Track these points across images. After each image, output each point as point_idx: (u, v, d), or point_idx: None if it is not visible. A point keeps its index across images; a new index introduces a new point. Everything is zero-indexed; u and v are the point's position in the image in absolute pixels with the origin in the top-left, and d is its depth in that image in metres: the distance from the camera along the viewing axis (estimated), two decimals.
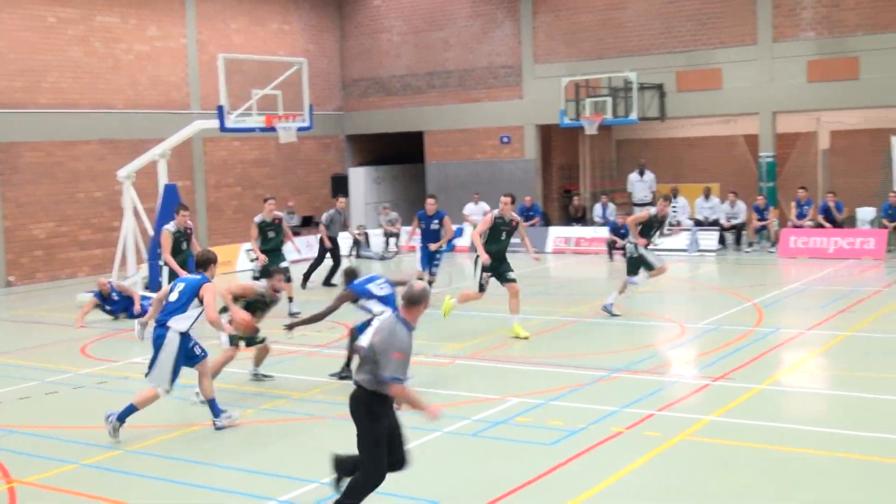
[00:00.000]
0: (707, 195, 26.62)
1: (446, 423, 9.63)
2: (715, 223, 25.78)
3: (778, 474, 7.98)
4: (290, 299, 16.96)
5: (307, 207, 30.17)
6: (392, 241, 27.58)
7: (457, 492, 7.94)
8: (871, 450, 8.54)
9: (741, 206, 25.72)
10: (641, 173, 27.70)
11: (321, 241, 20.89)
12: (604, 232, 25.90)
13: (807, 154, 28.44)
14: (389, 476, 8.29)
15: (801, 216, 24.65)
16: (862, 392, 10.61)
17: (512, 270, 14.47)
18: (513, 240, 14.86)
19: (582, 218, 28.15)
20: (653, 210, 16.26)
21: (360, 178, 31.33)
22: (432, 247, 17.41)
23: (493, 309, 16.15)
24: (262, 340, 11.55)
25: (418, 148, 31.43)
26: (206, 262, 10.21)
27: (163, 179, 19.42)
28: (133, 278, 19.03)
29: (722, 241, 25.50)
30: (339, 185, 30.72)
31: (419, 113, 31.16)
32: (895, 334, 13.94)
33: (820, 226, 24.14)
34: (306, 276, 20.50)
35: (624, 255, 16.99)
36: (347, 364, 11.44)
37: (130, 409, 9.69)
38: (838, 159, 28.00)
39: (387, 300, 11.17)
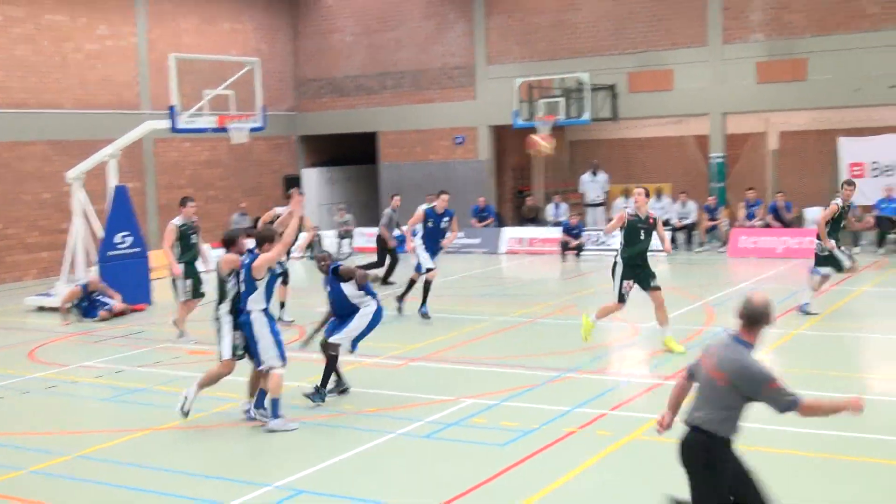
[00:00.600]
0: (658, 195, 26.85)
1: (399, 425, 9.63)
2: (666, 223, 25.96)
3: None
4: (282, 305, 16.07)
5: (259, 209, 29.95)
6: (346, 242, 27.50)
7: (409, 493, 7.93)
8: (823, 447, 8.66)
9: (692, 206, 25.99)
10: (594, 174, 27.89)
11: (381, 241, 20.70)
12: (557, 232, 26.05)
13: (756, 154, 28.79)
14: (341, 478, 8.28)
15: (750, 216, 24.96)
16: (810, 389, 10.68)
17: (655, 276, 13.14)
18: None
19: (535, 218, 28.26)
20: (839, 200, 15.41)
21: (313, 180, 31.20)
22: (445, 243, 16.39)
23: (445, 310, 16.15)
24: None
25: (372, 149, 31.37)
26: (261, 240, 9.76)
27: (113, 181, 19.19)
28: (82, 281, 18.79)
29: (673, 240, 25.71)
30: (292, 186, 30.52)
31: (372, 113, 31.10)
32: (842, 332, 14.17)
33: (769, 226, 24.46)
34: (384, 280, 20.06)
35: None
36: (323, 385, 10.72)
37: (274, 403, 9.64)
38: (787, 160, 28.37)
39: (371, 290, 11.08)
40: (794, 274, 20.45)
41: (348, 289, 10.72)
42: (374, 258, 21.35)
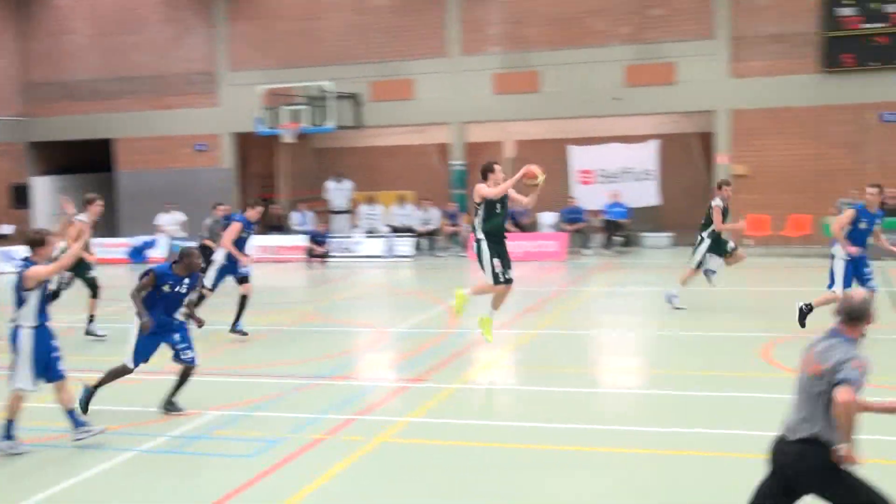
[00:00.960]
0: (402, 202, 27.36)
1: (142, 441, 9.29)
2: (410, 229, 26.51)
3: (476, 470, 8.29)
4: (92, 318, 14.84)
5: None
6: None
7: None
8: (561, 440, 9.06)
9: (434, 212, 26.65)
10: (339, 181, 28.05)
11: (207, 251, 19.02)
12: (303, 240, 25.99)
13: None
14: (80, 501, 7.89)
15: None
16: (548, 386, 11.25)
17: (511, 268, 12.57)
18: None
19: (280, 226, 28.07)
20: (719, 200, 15.58)
21: (44, 188, 29.55)
22: (249, 260, 14.90)
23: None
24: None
25: (109, 156, 30.13)
26: (33, 244, 8.95)
27: None
28: None
29: (417, 246, 26.29)
30: (20, 196, 28.85)
31: (109, 119, 29.91)
32: (574, 331, 14.94)
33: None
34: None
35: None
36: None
37: (9, 424, 8.95)
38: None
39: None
40: (530, 275, 21.34)
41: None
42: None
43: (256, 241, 26.54)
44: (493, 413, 10.52)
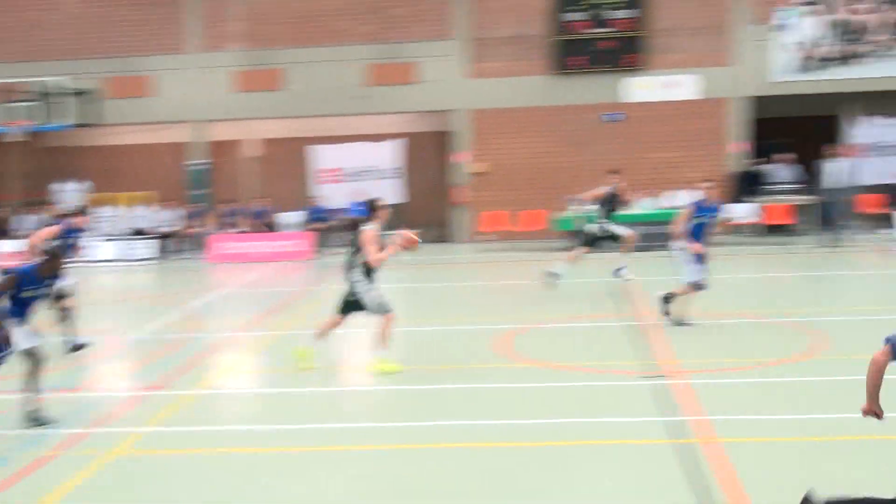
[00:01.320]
0: (142, 203, 26.52)
1: None
2: (149, 231, 25.70)
3: (219, 477, 8.15)
4: None
5: None
6: None
7: None
8: (305, 440, 9.05)
9: (174, 213, 25.98)
10: (72, 182, 26.89)
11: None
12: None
13: (238, 161, 29.44)
14: None
15: (229, 224, 25.62)
16: (293, 387, 11.22)
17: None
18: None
19: (5, 231, 26.48)
20: (605, 189, 16.28)
21: None
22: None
23: None
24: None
25: None
26: None
27: None
28: None
29: (159, 248, 25.51)
30: None
31: None
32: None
33: (250, 231, 25.21)
34: None
35: None
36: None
37: None
38: (267, 166, 29.33)
39: None
40: (276, 276, 21.21)
41: None
42: None
43: None
44: (235, 418, 10.38)
